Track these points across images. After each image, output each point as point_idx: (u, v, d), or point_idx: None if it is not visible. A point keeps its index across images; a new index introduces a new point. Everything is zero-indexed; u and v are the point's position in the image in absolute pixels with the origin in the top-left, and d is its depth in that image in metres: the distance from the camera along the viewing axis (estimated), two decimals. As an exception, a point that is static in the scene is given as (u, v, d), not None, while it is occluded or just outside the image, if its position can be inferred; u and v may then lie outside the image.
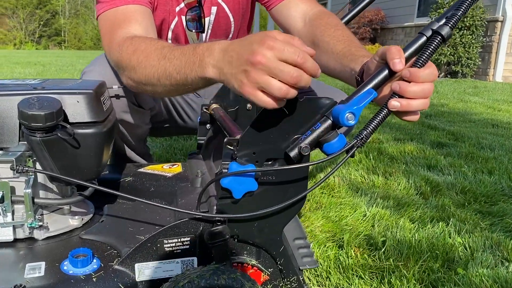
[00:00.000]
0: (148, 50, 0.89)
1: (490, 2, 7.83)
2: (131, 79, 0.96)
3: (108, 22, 1.03)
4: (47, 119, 0.74)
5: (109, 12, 1.04)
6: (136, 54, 0.90)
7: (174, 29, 1.25)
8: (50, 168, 0.81)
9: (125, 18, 1.02)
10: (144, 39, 0.94)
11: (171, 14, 1.22)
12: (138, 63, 0.90)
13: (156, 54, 0.87)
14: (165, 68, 0.85)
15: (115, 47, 0.96)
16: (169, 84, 0.87)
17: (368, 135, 0.73)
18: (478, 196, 1.69)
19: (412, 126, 2.95)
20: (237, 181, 0.76)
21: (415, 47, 0.78)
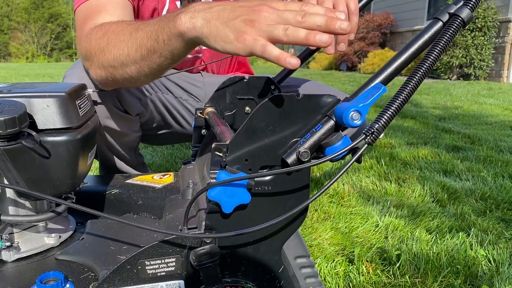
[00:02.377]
0: (119, 29, 0.81)
1: (502, 3, 7.68)
2: (99, 66, 0.87)
3: (82, 16, 0.96)
4: (8, 125, 0.65)
5: (83, 6, 0.97)
6: (106, 35, 0.82)
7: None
8: (15, 182, 0.71)
9: (97, 10, 0.94)
10: (115, 22, 0.85)
11: (161, 2, 1.14)
12: (107, 43, 0.81)
13: (128, 29, 0.78)
14: (135, 38, 0.76)
15: (84, 38, 0.88)
16: (140, 57, 0.77)
17: (380, 129, 0.61)
18: (500, 203, 1.57)
19: (425, 130, 2.83)
20: (226, 193, 0.66)
21: (429, 34, 0.68)
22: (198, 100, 1.43)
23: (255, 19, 0.58)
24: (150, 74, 0.83)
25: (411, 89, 0.63)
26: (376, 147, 2.35)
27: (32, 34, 32.82)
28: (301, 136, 0.68)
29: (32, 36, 32.88)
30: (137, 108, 1.14)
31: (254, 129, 0.67)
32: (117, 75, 0.86)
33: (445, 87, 5.76)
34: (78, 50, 0.96)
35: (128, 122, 1.12)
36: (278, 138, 0.68)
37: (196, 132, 1.13)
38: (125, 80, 0.88)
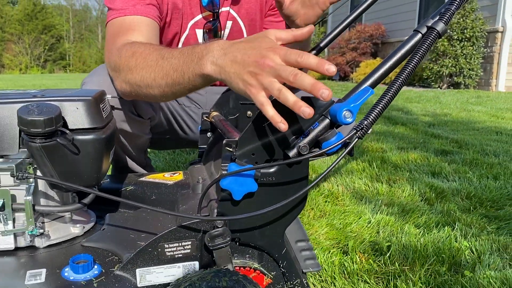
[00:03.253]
0: (146, 52, 0.91)
1: (490, 14, 7.89)
2: (126, 82, 0.97)
3: (114, 29, 1.06)
4: (46, 124, 0.75)
5: (117, 20, 1.07)
6: (134, 56, 0.92)
7: (185, 41, 1.29)
8: (50, 175, 0.81)
9: (130, 27, 1.05)
10: (144, 44, 0.96)
11: (183, 28, 1.26)
12: (135, 65, 0.91)
13: (155, 55, 0.89)
14: (162, 67, 0.86)
15: (115, 51, 0.98)
16: (165, 84, 0.88)
17: (369, 125, 0.72)
18: (484, 201, 1.68)
19: (415, 135, 2.95)
20: (236, 182, 0.76)
21: (410, 44, 0.79)
22: (199, 107, 1.53)
23: (258, 72, 0.68)
24: (171, 97, 0.94)
25: (395, 91, 0.74)
26: (368, 151, 2.46)
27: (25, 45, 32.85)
28: (301, 132, 0.78)
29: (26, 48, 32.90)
30: (149, 112, 1.24)
31: (260, 127, 0.77)
32: (140, 93, 0.96)
33: (435, 95, 5.91)
34: (106, 59, 1.06)
35: (141, 125, 1.22)
36: (280, 135, 0.78)
37: (202, 135, 1.23)
38: (146, 97, 0.98)
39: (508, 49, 7.75)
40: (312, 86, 0.64)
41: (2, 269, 0.79)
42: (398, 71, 0.75)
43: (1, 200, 0.80)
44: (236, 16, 1.31)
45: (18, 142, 0.81)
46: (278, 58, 0.68)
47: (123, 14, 1.06)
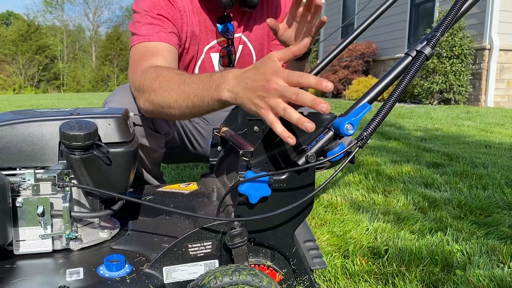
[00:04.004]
0: (169, 76, 1.02)
1: (477, 32, 8.14)
2: (149, 102, 1.08)
3: (138, 53, 1.18)
4: (86, 138, 0.85)
5: (141, 45, 1.19)
6: (158, 79, 1.03)
7: (201, 65, 1.41)
8: (86, 183, 0.91)
9: (154, 52, 1.17)
10: (167, 68, 1.07)
11: (199, 52, 1.38)
12: (159, 87, 1.02)
13: (177, 79, 1.00)
14: (183, 91, 0.98)
15: (140, 73, 1.10)
16: (185, 105, 0.99)
17: (368, 136, 0.83)
18: (474, 209, 1.79)
19: (408, 149, 3.07)
20: (252, 187, 0.87)
21: (402, 66, 0.91)
22: (208, 123, 1.64)
23: (265, 95, 0.79)
24: (188, 117, 1.07)
25: (389, 107, 0.85)
26: (364, 165, 2.57)
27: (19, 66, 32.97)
28: (308, 144, 0.89)
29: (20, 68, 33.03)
30: (165, 128, 1.35)
31: (272, 139, 0.88)
32: (162, 112, 1.08)
33: (426, 111, 6.07)
34: (130, 79, 1.17)
35: (158, 140, 1.33)
36: (290, 146, 0.89)
37: (213, 149, 1.34)
38: (166, 116, 1.10)
39: (496, 65, 7.97)
40: (313, 102, 0.75)
41: (43, 269, 0.88)
42: (392, 89, 0.87)
43: (41, 207, 0.89)
44: (247, 41, 1.43)
45: (58, 155, 0.91)
46: (281, 80, 0.79)
47: (147, 40, 1.18)
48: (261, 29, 1.44)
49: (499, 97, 8.13)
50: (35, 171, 0.90)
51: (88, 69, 39.24)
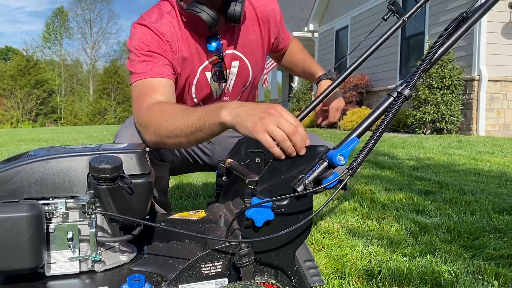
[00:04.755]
0: (174, 111, 1.17)
1: (466, 63, 8.43)
2: (155, 135, 1.22)
3: (138, 90, 1.31)
4: (112, 171, 0.98)
5: (139, 82, 1.31)
6: (164, 115, 1.17)
7: (197, 84, 1.51)
8: (111, 211, 1.03)
9: (151, 89, 1.29)
10: (170, 104, 1.23)
11: (192, 73, 1.47)
12: (165, 121, 1.16)
13: (182, 112, 1.15)
14: (187, 119, 1.12)
15: (144, 110, 1.24)
16: (190, 132, 1.13)
17: (358, 166, 0.97)
18: (462, 233, 1.91)
19: (401, 178, 3.20)
20: (258, 212, 0.99)
21: (385, 105, 1.05)
22: (210, 142, 1.76)
23: (265, 117, 0.94)
24: (193, 143, 1.20)
25: (375, 140, 0.99)
26: (358, 193, 2.69)
27: (17, 100, 33.29)
28: (306, 173, 1.02)
29: (18, 102, 33.33)
30: (169, 156, 1.48)
31: (274, 169, 1.01)
32: (168, 142, 1.21)
33: (419, 141, 6.23)
34: (135, 117, 1.30)
35: (163, 168, 1.45)
36: (290, 175, 1.02)
37: (219, 179, 1.46)
38: (172, 145, 1.23)
39: (485, 96, 8.22)
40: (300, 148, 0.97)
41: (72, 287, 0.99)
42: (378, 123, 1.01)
43: (71, 233, 1.01)
44: (241, 55, 1.52)
45: (86, 186, 1.03)
46: (279, 113, 0.96)
47: (143, 77, 1.31)
48: (250, 40, 1.52)
49: (490, 126, 8.34)
50: (66, 200, 1.02)
51: (86, 103, 39.62)
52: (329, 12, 14.50)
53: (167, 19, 1.39)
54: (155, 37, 1.36)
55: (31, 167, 1.01)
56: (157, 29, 1.36)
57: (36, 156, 1.04)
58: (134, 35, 1.36)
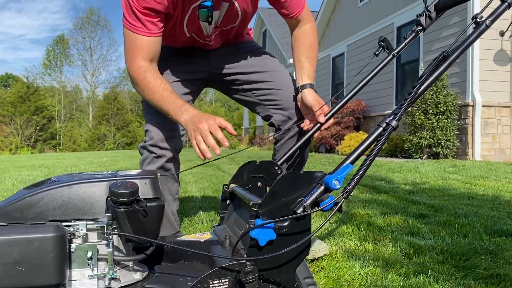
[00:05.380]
0: (154, 90, 1.48)
1: (460, 89, 8.63)
2: (140, 93, 1.59)
3: (129, 41, 1.54)
4: (130, 195, 1.08)
5: (130, 33, 1.52)
6: (147, 88, 1.52)
7: (188, 19, 1.64)
8: (128, 232, 1.13)
9: (141, 47, 1.52)
10: (154, 79, 1.50)
11: (185, 10, 1.59)
12: (146, 93, 1.53)
13: (159, 95, 1.48)
14: (161, 104, 1.49)
15: (134, 70, 1.53)
16: (161, 111, 1.54)
17: (351, 189, 1.07)
18: (454, 255, 1.99)
19: (397, 202, 3.29)
20: (261, 232, 1.09)
21: (375, 134, 1.17)
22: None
23: (196, 128, 1.32)
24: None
25: (367, 166, 1.10)
26: (356, 217, 2.78)
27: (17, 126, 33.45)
28: (304, 196, 1.13)
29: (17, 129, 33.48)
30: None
31: (276, 193, 1.12)
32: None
33: (415, 166, 6.34)
34: (127, 65, 1.58)
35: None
36: (290, 198, 1.12)
37: (223, 203, 1.57)
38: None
39: (480, 121, 8.39)
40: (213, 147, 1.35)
41: (93, 303, 1.08)
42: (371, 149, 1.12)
43: (90, 252, 1.11)
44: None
45: (105, 209, 1.13)
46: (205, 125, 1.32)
47: (135, 31, 1.51)
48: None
49: (486, 150, 8.47)
50: (86, 222, 1.12)
51: (85, 129, 39.83)
52: (326, 39, 14.85)
53: None
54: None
55: (55, 192, 1.11)
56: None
57: (59, 182, 1.14)
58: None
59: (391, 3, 11.18)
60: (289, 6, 1.74)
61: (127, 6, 1.49)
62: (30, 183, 5.05)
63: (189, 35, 1.72)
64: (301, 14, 1.78)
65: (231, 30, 1.79)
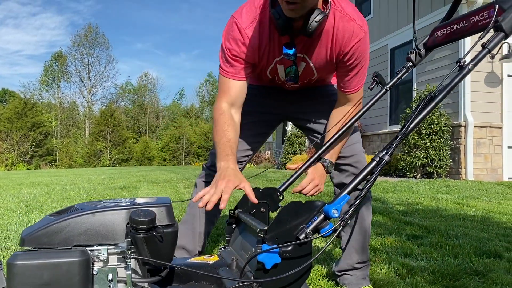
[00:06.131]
0: (218, 132, 1.66)
1: (452, 110, 8.82)
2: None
3: (220, 82, 1.73)
4: (149, 222, 1.20)
5: (222, 77, 1.72)
6: (215, 127, 1.69)
7: (270, 69, 1.82)
8: (145, 256, 1.24)
9: (225, 89, 1.71)
10: (223, 123, 1.65)
11: (269, 62, 1.77)
12: (213, 129, 1.69)
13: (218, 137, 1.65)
14: (216, 145, 1.65)
15: (214, 109, 1.71)
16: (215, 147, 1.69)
17: (349, 218, 1.19)
18: (445, 275, 2.11)
19: (391, 223, 3.41)
20: (267, 256, 1.20)
21: (370, 167, 1.29)
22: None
23: (216, 181, 1.43)
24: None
25: (362, 196, 1.22)
26: (351, 238, 2.90)
27: (13, 142, 33.40)
28: (306, 223, 1.24)
29: (13, 144, 33.43)
30: None
31: (281, 220, 1.24)
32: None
33: (409, 186, 6.47)
34: (216, 101, 1.75)
35: None
36: (293, 225, 1.24)
37: (229, 227, 1.68)
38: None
39: (472, 141, 8.56)
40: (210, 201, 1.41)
41: (113, 321, 1.18)
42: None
43: (111, 275, 1.21)
44: (308, 59, 1.76)
45: (124, 235, 1.24)
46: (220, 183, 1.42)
47: (223, 74, 1.70)
48: (320, 52, 1.74)
49: (478, 170, 8.63)
50: (108, 247, 1.23)
51: (81, 145, 39.81)
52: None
53: (257, 22, 1.65)
54: (243, 44, 1.66)
55: (80, 219, 1.22)
56: (248, 35, 1.65)
57: (83, 209, 1.26)
58: (228, 34, 1.68)
59: (385, 26, 11.47)
60: (349, 80, 1.77)
61: (222, 53, 1.72)
62: (32, 201, 5.14)
63: (271, 77, 1.89)
64: (353, 94, 1.80)
65: (309, 81, 1.93)
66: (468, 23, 1.61)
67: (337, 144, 1.78)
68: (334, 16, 1.63)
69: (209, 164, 2.03)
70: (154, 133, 48.03)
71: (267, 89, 2.01)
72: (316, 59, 1.76)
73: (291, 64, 1.77)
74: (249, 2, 1.70)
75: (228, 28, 1.69)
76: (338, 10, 1.63)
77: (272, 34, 1.67)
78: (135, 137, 43.12)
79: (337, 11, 1.62)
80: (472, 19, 1.59)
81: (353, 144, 1.89)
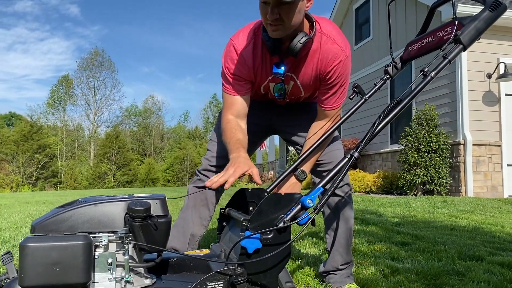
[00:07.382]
0: (227, 136, 1.81)
1: (451, 128, 8.96)
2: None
3: (224, 99, 1.90)
4: (144, 212, 1.35)
5: (225, 94, 1.90)
6: (224, 134, 1.84)
7: (264, 86, 1.99)
8: (141, 242, 1.39)
9: (229, 104, 1.88)
10: (230, 129, 1.81)
11: (262, 80, 1.95)
12: (223, 136, 1.85)
13: (228, 140, 1.79)
14: (226, 145, 1.79)
15: (224, 120, 1.87)
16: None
17: (321, 207, 1.34)
18: (428, 275, 2.23)
19: (383, 232, 3.53)
20: (249, 242, 1.35)
21: (342, 163, 1.45)
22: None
23: (227, 168, 1.56)
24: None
25: (334, 188, 1.38)
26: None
27: (19, 164, 33.71)
28: (285, 213, 1.39)
29: (19, 167, 33.73)
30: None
31: (262, 211, 1.39)
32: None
33: (406, 201, 6.57)
34: (222, 117, 1.93)
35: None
36: (274, 216, 1.39)
37: (219, 224, 1.83)
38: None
39: (471, 159, 8.67)
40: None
41: (112, 300, 1.33)
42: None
43: (110, 259, 1.36)
44: (295, 78, 1.93)
45: (123, 223, 1.39)
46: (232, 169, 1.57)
47: (227, 92, 1.88)
48: (306, 72, 1.90)
49: (478, 188, 8.70)
50: (108, 234, 1.38)
51: (86, 167, 40.08)
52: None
53: (252, 44, 1.83)
54: (240, 63, 1.85)
55: (84, 210, 1.38)
56: (243, 55, 1.83)
57: (87, 201, 1.41)
58: (227, 55, 1.87)
59: (384, 48, 11.73)
60: (328, 98, 1.93)
61: (223, 74, 1.91)
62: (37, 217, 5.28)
63: (264, 92, 2.07)
64: (330, 111, 1.95)
65: (299, 99, 2.11)
66: (436, 37, 1.78)
67: (313, 156, 1.93)
68: (320, 39, 1.82)
69: (202, 168, 2.19)
70: (159, 154, 48.29)
71: (258, 103, 2.19)
72: (303, 78, 1.95)
73: (280, 82, 1.96)
74: (246, 27, 1.90)
75: (227, 49, 1.89)
76: (324, 34, 1.82)
77: (265, 55, 1.88)
78: (139, 159, 43.35)
79: (323, 34, 1.82)
80: (439, 34, 1.76)
81: (332, 151, 2.04)
